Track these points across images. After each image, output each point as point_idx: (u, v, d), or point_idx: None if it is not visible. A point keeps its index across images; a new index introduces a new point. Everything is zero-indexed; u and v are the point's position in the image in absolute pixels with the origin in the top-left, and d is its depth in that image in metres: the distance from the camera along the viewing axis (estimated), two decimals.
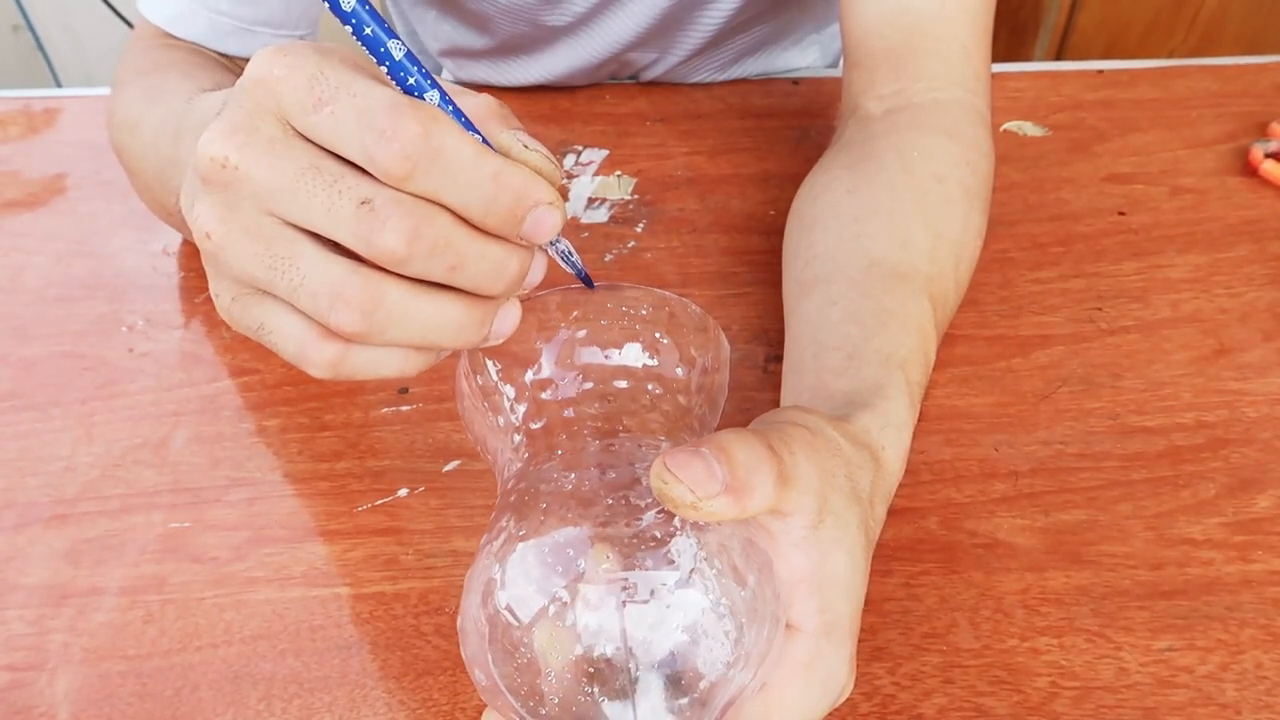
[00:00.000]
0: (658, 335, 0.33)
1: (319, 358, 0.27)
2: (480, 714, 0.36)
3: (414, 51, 0.27)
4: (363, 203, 0.25)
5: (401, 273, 0.26)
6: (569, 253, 0.31)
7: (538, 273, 0.29)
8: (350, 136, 0.25)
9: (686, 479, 0.26)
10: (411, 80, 0.26)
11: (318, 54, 0.25)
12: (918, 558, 0.42)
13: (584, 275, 0.32)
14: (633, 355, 0.32)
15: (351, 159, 0.25)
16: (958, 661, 0.38)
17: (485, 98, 0.28)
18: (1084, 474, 0.45)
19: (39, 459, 0.45)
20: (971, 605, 0.40)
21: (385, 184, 0.25)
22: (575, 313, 0.33)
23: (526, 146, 0.27)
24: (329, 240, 0.26)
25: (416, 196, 0.25)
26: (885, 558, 0.41)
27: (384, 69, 0.26)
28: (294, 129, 0.25)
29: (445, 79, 0.60)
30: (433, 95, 0.26)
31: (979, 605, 0.40)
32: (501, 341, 0.29)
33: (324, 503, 0.44)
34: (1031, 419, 0.47)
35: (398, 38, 0.26)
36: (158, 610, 0.40)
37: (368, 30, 0.25)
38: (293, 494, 0.44)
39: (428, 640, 0.39)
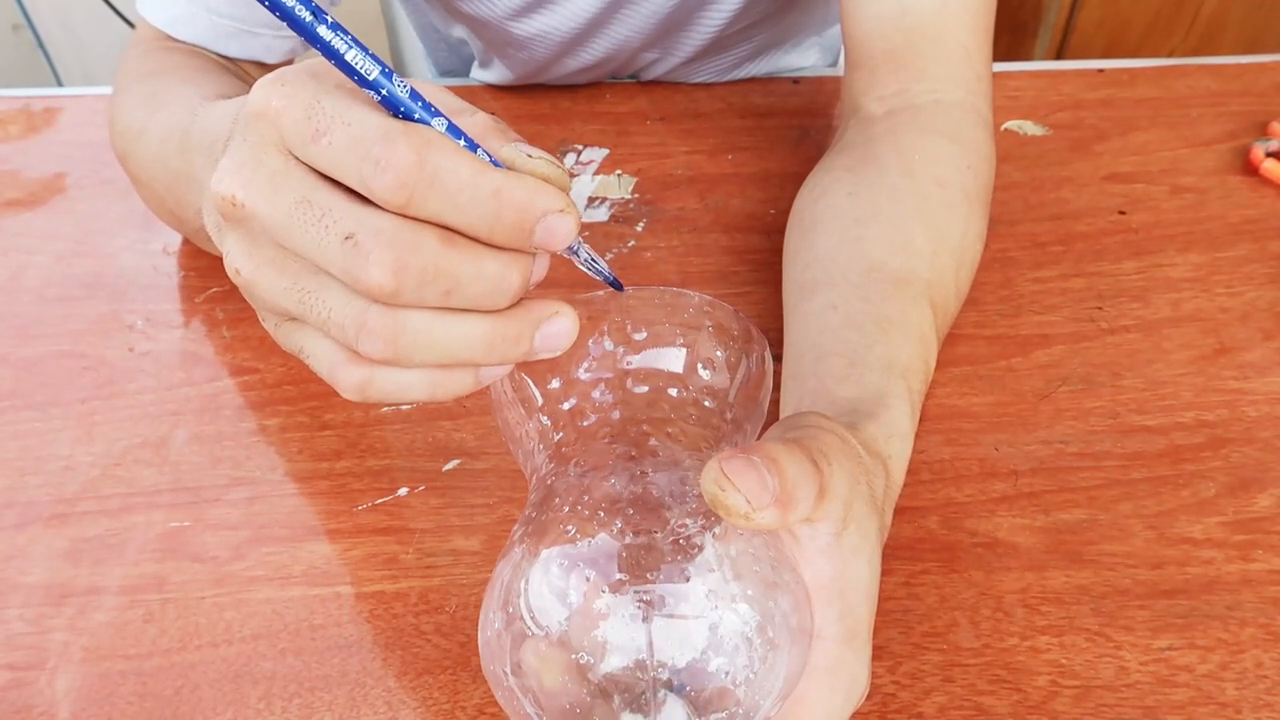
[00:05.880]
0: (701, 342, 0.32)
1: (347, 380, 0.27)
2: (480, 713, 0.36)
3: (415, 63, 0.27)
4: (346, 238, 0.24)
5: (397, 304, 0.25)
6: (593, 259, 0.30)
7: (540, 270, 0.28)
8: (349, 166, 0.24)
9: (743, 487, 0.25)
10: (403, 109, 0.25)
11: (314, 80, 0.25)
12: (918, 557, 0.42)
13: (612, 280, 0.31)
14: (675, 362, 0.31)
15: (353, 188, 0.25)
16: (958, 660, 0.38)
17: (483, 115, 0.27)
18: (1084, 473, 0.45)
19: (39, 459, 0.45)
20: (971, 604, 0.40)
21: (382, 211, 0.24)
22: (616, 317, 0.32)
23: (530, 156, 0.26)
24: None
25: (414, 220, 0.24)
26: (885, 557, 0.41)
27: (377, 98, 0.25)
28: (297, 158, 0.25)
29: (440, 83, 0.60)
30: (439, 122, 0.25)
31: (979, 604, 0.40)
32: (557, 354, 0.27)
33: (324, 502, 0.44)
34: (1031, 418, 0.47)
35: (387, 68, 0.25)
36: (158, 609, 0.40)
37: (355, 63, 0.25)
38: (293, 493, 0.44)
39: (428, 639, 0.39)
